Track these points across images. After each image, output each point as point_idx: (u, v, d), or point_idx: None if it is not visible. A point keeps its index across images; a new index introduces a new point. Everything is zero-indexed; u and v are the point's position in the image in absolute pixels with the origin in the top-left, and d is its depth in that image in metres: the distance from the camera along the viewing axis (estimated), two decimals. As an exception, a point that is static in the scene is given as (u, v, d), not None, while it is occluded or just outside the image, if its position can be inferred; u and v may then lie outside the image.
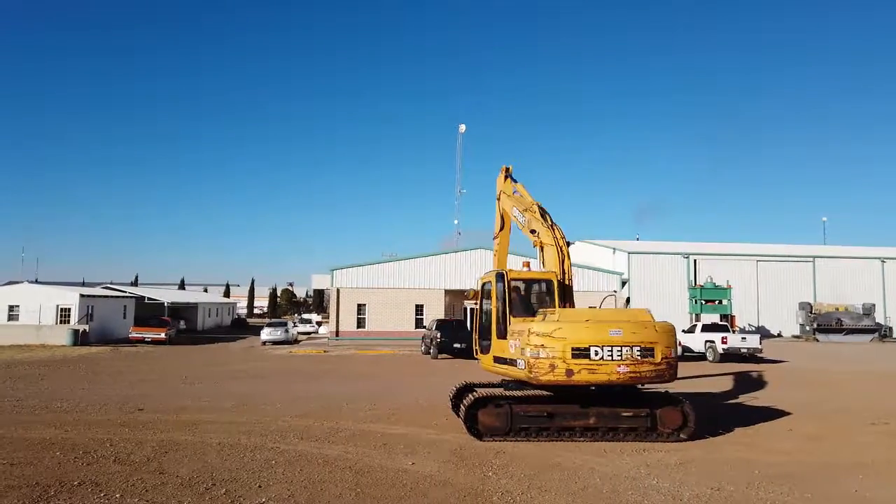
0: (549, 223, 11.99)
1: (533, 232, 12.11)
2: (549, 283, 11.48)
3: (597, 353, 9.54)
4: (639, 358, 9.67)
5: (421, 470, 8.20)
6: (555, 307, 10.90)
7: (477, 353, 11.98)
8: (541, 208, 12.34)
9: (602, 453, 9.25)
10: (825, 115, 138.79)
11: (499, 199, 13.81)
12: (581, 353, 9.53)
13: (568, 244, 11.79)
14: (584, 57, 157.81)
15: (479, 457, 8.93)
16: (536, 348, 9.57)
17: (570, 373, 9.50)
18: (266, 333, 38.40)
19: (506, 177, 13.71)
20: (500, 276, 11.14)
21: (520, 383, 10.58)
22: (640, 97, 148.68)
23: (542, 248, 11.90)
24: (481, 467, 8.39)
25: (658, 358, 9.74)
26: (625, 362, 9.62)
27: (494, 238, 14.25)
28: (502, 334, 10.89)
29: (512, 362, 10.36)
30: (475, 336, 12.02)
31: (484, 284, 11.87)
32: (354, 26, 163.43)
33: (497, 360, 11.06)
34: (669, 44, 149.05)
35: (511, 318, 10.83)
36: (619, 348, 9.61)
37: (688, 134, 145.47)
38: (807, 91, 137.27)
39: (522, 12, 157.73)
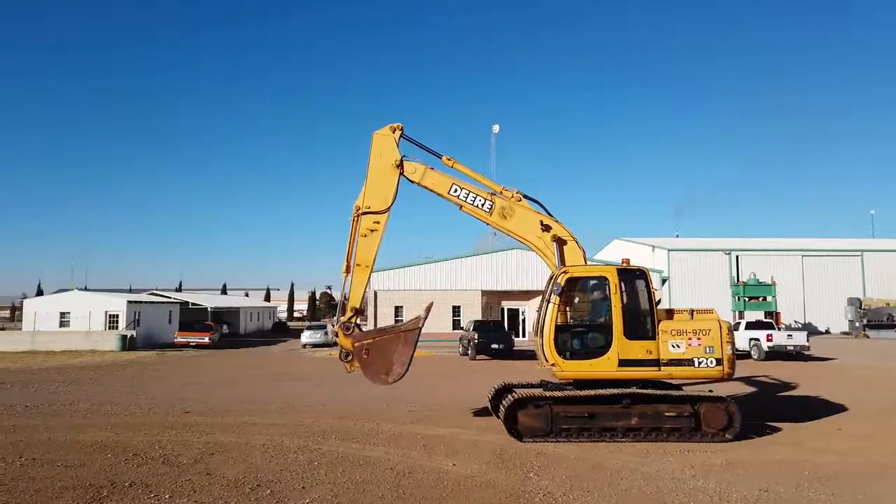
0: (549, 214, 11.16)
1: (544, 226, 10.97)
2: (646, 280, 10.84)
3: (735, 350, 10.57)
4: None
5: (462, 471, 8.22)
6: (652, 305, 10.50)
7: (551, 360, 10.22)
8: (524, 195, 11.24)
9: (645, 454, 9.13)
10: (870, 106, 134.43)
11: (399, 167, 11.25)
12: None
13: None
14: (616, 52, 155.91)
15: (519, 458, 8.90)
16: (731, 345, 10.26)
17: (734, 366, 10.40)
18: (306, 336, 38.91)
19: (399, 139, 11.37)
20: (638, 274, 10.46)
21: (562, 384, 10.53)
22: (678, 92, 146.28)
23: (561, 244, 10.97)
24: (522, 468, 8.36)
25: None
26: None
27: (371, 213, 11.18)
28: (640, 335, 10.13)
29: (678, 362, 10.08)
30: (549, 339, 10.21)
31: (569, 281, 10.43)
32: (392, 24, 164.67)
33: (629, 362, 10.05)
34: (703, 39, 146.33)
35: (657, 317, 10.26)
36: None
37: (728, 128, 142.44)
38: (851, 82, 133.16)
39: (557, 8, 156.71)
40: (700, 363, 10.08)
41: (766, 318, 33.50)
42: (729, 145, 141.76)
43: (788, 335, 26.29)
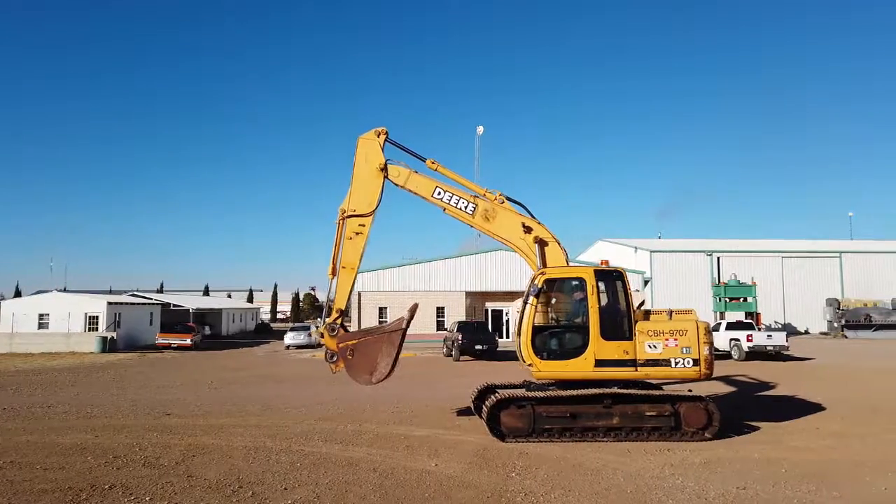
0: (531, 216, 11.24)
1: (526, 228, 11.09)
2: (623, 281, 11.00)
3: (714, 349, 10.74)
4: None
5: (444, 471, 8.25)
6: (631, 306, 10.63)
7: (528, 360, 10.34)
8: (507, 197, 11.36)
9: (626, 453, 9.22)
10: (849, 110, 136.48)
11: (383, 171, 11.38)
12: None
13: None
14: (605, 56, 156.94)
15: (501, 458, 8.95)
16: (710, 345, 10.32)
17: (712, 366, 10.46)
18: (289, 338, 38.76)
19: (383, 144, 11.51)
20: (615, 274, 10.51)
21: (556, 384, 10.59)
22: (660, 96, 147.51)
23: (542, 245, 11.03)
24: (504, 468, 8.41)
25: None
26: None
27: (356, 216, 11.33)
28: (617, 335, 10.19)
29: (655, 363, 10.12)
30: (527, 339, 10.32)
31: (546, 282, 10.48)
32: (379, 28, 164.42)
33: (606, 363, 10.11)
34: (688, 42, 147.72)
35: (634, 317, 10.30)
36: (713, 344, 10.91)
37: (710, 131, 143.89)
38: (831, 85, 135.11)
39: (547, 11, 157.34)
40: (677, 363, 10.14)
41: (746, 318, 33.87)
42: (711, 149, 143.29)
43: (768, 335, 26.58)
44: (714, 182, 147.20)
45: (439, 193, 11.35)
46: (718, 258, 45.35)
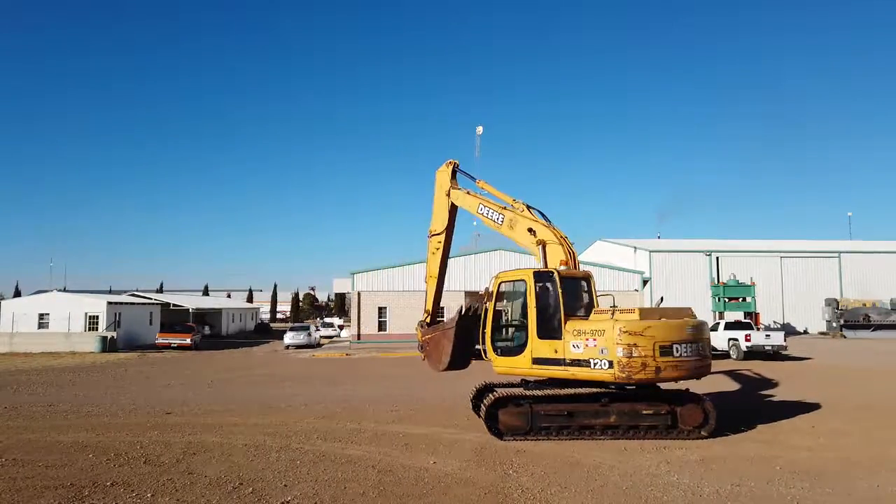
0: (546, 221, 11.65)
1: (531, 231, 11.54)
2: (588, 280, 11.28)
3: (677, 351, 9.77)
4: (704, 353, 10.20)
5: (442, 468, 8.33)
6: (594, 305, 10.86)
7: (489, 356, 11.15)
8: (527, 206, 11.91)
9: (622, 451, 9.29)
10: (848, 110, 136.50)
11: (448, 195, 13.00)
12: (666, 350, 9.72)
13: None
14: (602, 56, 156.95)
15: (499, 455, 9.03)
16: (629, 347, 9.60)
17: (658, 370, 9.68)
18: (289, 338, 38.86)
19: (452, 174, 13.06)
20: (547, 275, 10.63)
21: (542, 383, 10.69)
22: (659, 96, 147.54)
23: (543, 246, 11.38)
24: (502, 466, 8.49)
25: (708, 353, 10.43)
26: (698, 358, 10.05)
27: (435, 235, 13.22)
28: (550, 334, 10.34)
29: (578, 363, 10.00)
30: (487, 338, 11.14)
31: (501, 284, 11.26)
32: (377, 29, 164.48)
33: (540, 361, 10.38)
34: (685, 44, 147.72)
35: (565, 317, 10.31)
36: (694, 345, 9.95)
37: (709, 132, 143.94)
38: (829, 87, 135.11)
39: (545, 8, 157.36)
40: (595, 364, 9.85)
41: (745, 318, 33.88)
42: (711, 151, 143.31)
43: (766, 335, 26.59)
44: (713, 182, 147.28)
45: (481, 209, 12.48)
46: (717, 258, 45.36)
